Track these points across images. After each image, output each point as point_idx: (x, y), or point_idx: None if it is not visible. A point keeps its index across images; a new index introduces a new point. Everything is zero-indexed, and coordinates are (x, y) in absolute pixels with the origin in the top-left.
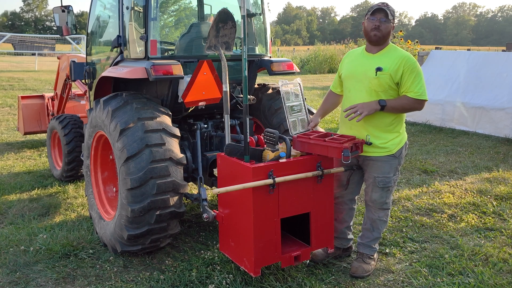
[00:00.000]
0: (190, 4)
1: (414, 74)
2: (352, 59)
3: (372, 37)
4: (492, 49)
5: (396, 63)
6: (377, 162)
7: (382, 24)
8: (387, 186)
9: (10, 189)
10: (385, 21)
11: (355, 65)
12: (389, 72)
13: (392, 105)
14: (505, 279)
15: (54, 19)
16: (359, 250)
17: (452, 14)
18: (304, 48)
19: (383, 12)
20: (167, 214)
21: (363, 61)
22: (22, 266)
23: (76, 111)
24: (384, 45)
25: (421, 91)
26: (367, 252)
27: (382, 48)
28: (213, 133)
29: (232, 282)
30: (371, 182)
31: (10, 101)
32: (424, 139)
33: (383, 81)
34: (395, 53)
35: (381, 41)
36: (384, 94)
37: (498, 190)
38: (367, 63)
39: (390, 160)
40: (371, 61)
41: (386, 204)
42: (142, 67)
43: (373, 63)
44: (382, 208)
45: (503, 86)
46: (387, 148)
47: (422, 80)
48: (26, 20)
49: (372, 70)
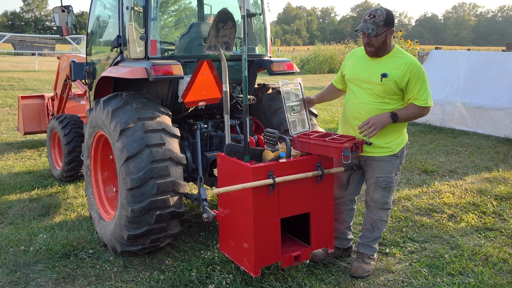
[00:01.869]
0: (190, 4)
1: (421, 81)
2: (355, 61)
3: (368, 53)
4: (492, 49)
5: (402, 70)
6: (380, 162)
7: (372, 39)
8: (389, 186)
9: (10, 189)
10: (375, 34)
11: (359, 68)
12: (394, 78)
13: (403, 116)
14: (505, 279)
15: (54, 19)
16: (359, 250)
17: (452, 14)
18: (304, 48)
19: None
20: (167, 214)
21: (367, 65)
22: (22, 266)
23: (76, 111)
24: (387, 51)
25: (428, 99)
26: (367, 252)
27: (387, 53)
28: (213, 133)
29: (232, 282)
30: (373, 182)
31: (10, 101)
32: (424, 139)
33: (388, 87)
34: (401, 58)
35: (380, 53)
36: (389, 99)
37: (498, 190)
38: (371, 67)
39: (392, 160)
40: (376, 65)
41: (387, 204)
42: (142, 67)
43: (378, 68)
44: (383, 208)
45: (503, 86)
46: (390, 148)
47: (428, 87)
48: (26, 20)
49: (377, 76)
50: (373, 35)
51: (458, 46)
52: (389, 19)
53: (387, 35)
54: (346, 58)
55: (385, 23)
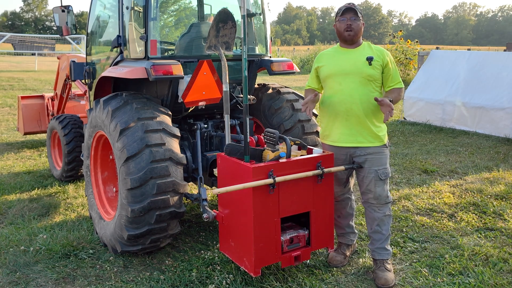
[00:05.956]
0: (190, 4)
1: (394, 64)
2: (330, 57)
3: (346, 36)
4: (492, 49)
5: (380, 54)
6: (375, 155)
7: (353, 23)
8: (387, 177)
9: (10, 189)
10: (355, 19)
11: (338, 61)
12: (380, 62)
13: (394, 101)
14: (505, 279)
15: (54, 19)
16: (375, 258)
17: (452, 14)
18: (304, 48)
19: (352, 11)
20: (167, 214)
21: (346, 56)
22: (22, 266)
23: (76, 111)
24: (358, 43)
25: (401, 80)
26: (384, 257)
27: (358, 45)
28: (213, 133)
29: (232, 282)
30: (373, 176)
31: (10, 101)
32: (424, 139)
33: (377, 70)
34: (372, 48)
35: (355, 39)
36: (374, 83)
37: (498, 190)
38: (351, 56)
39: (384, 151)
40: (354, 54)
41: (388, 198)
42: (142, 67)
43: (358, 55)
44: (386, 202)
45: (503, 86)
46: (381, 138)
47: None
48: (26, 20)
49: (362, 61)
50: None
51: (458, 46)
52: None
53: (362, 24)
54: (315, 60)
55: (362, 14)
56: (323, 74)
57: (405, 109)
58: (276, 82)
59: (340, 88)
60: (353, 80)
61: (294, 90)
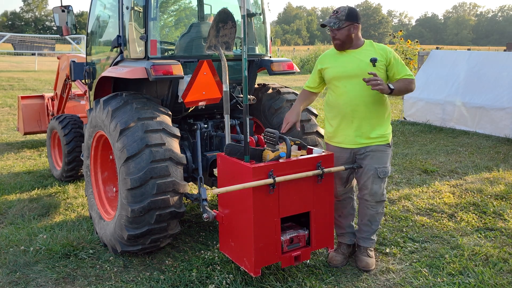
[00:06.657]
0: (190, 4)
1: (398, 59)
2: (333, 59)
3: (335, 46)
4: (492, 49)
5: (383, 53)
6: (377, 153)
7: (336, 32)
8: (386, 176)
9: (10, 189)
10: (338, 27)
11: (342, 63)
12: (383, 61)
13: (397, 89)
14: (505, 279)
15: (54, 19)
16: (360, 244)
17: (452, 14)
18: (304, 48)
19: (331, 22)
20: (167, 214)
21: (350, 57)
22: (22, 266)
23: (76, 111)
24: (358, 45)
25: (410, 72)
26: (369, 245)
27: (360, 45)
28: (213, 133)
29: (232, 282)
30: (372, 174)
31: (10, 101)
32: (424, 139)
33: (381, 70)
34: (374, 47)
35: (346, 45)
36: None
37: (498, 190)
38: (355, 58)
39: (387, 149)
40: (358, 55)
41: (383, 196)
42: (142, 67)
43: (362, 57)
44: (380, 200)
45: (503, 86)
46: (385, 137)
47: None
48: (26, 20)
49: (365, 62)
50: (336, 28)
51: (459, 46)
52: (352, 14)
53: (350, 29)
54: (318, 62)
55: (347, 18)
56: (327, 76)
57: (405, 109)
58: (276, 82)
59: (345, 90)
60: (358, 82)
61: (294, 90)
